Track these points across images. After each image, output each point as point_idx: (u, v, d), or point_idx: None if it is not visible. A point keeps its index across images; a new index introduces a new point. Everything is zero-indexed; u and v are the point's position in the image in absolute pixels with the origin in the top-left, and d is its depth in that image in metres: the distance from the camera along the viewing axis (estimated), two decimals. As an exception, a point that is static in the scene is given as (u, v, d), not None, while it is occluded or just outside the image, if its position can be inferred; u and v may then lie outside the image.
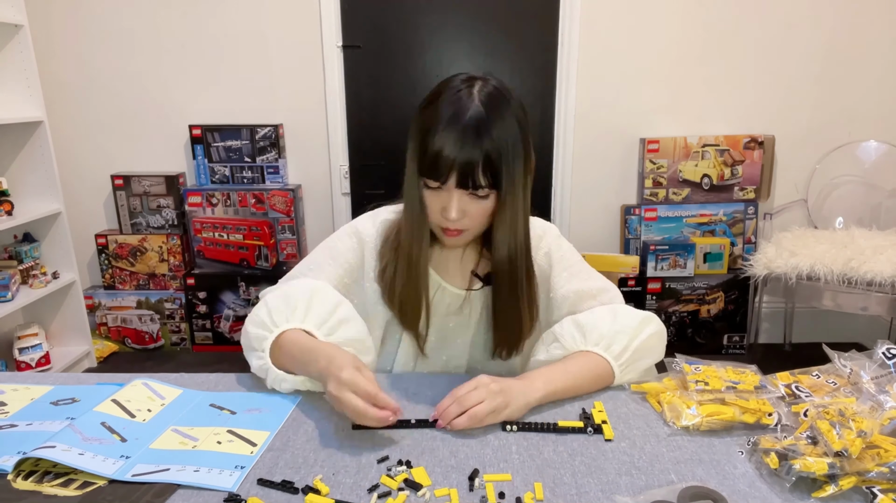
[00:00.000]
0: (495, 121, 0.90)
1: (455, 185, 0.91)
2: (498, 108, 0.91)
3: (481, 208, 0.95)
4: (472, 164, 0.89)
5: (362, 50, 2.84)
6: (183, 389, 0.99)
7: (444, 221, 0.96)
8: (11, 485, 0.75)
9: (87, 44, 2.84)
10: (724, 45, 2.77)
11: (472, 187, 0.91)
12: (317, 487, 0.74)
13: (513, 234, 0.98)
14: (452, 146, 0.89)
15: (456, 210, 0.93)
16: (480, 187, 0.91)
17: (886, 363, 0.86)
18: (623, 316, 1.01)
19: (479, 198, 0.93)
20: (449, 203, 0.93)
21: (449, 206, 0.93)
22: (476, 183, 0.91)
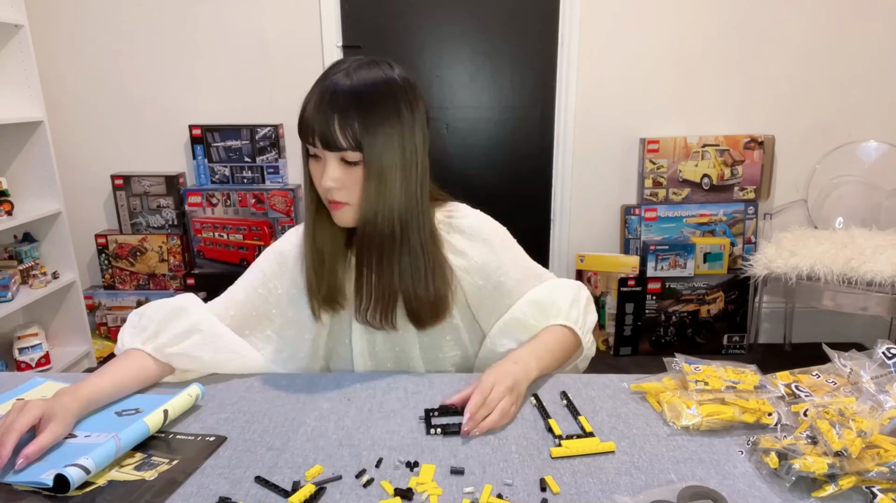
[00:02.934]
0: (356, 83, 0.91)
1: (321, 146, 0.92)
2: (363, 73, 0.92)
3: (355, 177, 0.94)
4: (328, 123, 0.90)
5: (362, 50, 2.84)
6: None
7: (324, 192, 0.97)
8: (11, 486, 0.75)
9: (87, 44, 2.84)
10: (724, 45, 2.77)
11: (336, 148, 0.91)
12: (302, 491, 0.73)
13: (381, 201, 0.94)
14: (313, 106, 0.92)
15: (328, 176, 0.93)
16: (342, 148, 0.91)
17: (886, 363, 0.86)
18: (564, 287, 1.10)
19: (350, 164, 0.93)
20: (324, 169, 0.94)
21: (323, 173, 0.94)
22: (336, 143, 0.91)
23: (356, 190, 0.95)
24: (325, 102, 0.91)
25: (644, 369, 1.04)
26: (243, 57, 2.84)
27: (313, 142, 0.93)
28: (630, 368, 0.91)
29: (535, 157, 2.95)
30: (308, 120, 0.92)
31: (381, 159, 0.93)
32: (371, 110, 0.91)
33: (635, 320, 2.81)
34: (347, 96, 0.90)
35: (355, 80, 0.91)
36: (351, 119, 0.90)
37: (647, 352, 2.85)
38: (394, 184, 0.95)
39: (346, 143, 0.91)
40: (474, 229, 1.06)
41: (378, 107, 0.91)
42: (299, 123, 0.94)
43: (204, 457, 0.82)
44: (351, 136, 0.90)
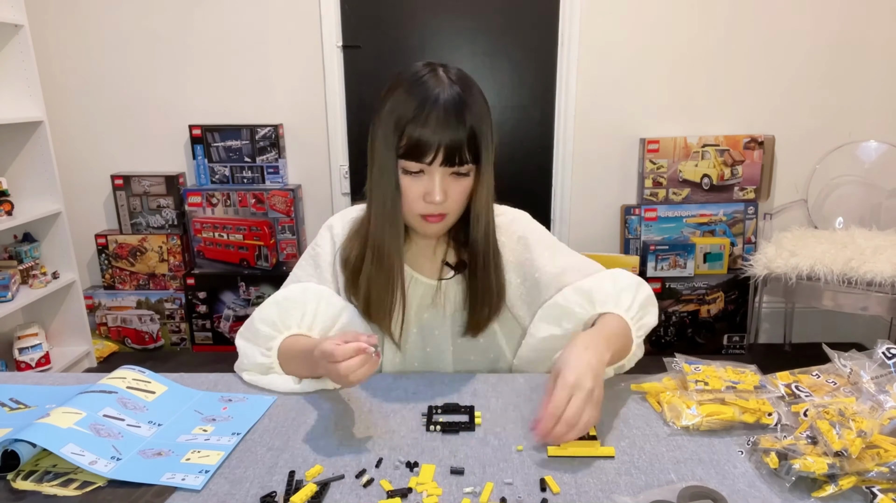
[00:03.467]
0: (470, 97, 0.93)
1: (440, 163, 0.92)
2: (469, 87, 0.95)
3: (462, 188, 0.96)
4: (458, 141, 0.91)
5: (362, 50, 2.84)
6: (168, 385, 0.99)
7: (427, 207, 0.96)
8: (11, 485, 0.75)
9: (87, 44, 2.84)
10: (724, 46, 2.77)
11: (458, 163, 0.93)
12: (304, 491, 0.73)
13: (488, 209, 1.01)
14: (436, 125, 0.90)
15: (440, 191, 0.93)
16: (465, 163, 0.93)
17: (886, 363, 0.86)
18: (622, 276, 1.03)
19: (460, 176, 0.95)
20: (432, 185, 0.94)
21: (433, 189, 0.93)
22: (462, 159, 0.92)
23: (461, 200, 0.98)
24: (452, 120, 0.90)
25: (644, 369, 1.04)
26: (243, 57, 2.84)
27: (431, 160, 0.92)
28: (630, 368, 0.91)
29: (535, 157, 2.95)
30: (429, 140, 0.90)
31: (489, 171, 0.98)
32: (488, 123, 0.95)
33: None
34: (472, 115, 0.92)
35: (469, 95, 0.93)
36: (478, 134, 0.93)
37: (647, 352, 2.84)
38: (492, 193, 1.00)
39: (470, 157, 0.93)
40: (512, 227, 1.09)
41: (489, 125, 0.96)
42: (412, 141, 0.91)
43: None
44: (474, 150, 0.93)
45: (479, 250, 1.03)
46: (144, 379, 0.98)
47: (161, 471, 0.77)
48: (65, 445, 0.77)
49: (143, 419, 0.88)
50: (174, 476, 0.76)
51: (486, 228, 1.02)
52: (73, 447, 0.77)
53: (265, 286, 2.86)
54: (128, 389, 0.94)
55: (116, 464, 0.77)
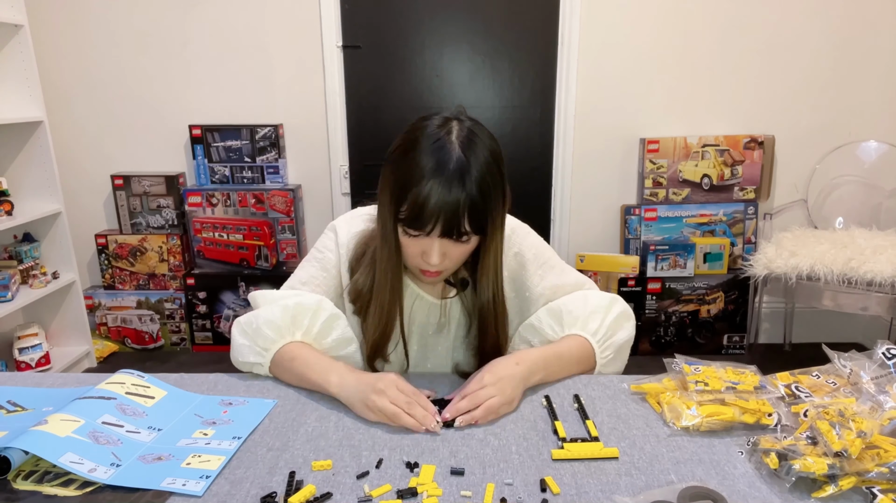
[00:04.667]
0: (475, 166, 0.88)
1: (439, 234, 0.90)
2: (476, 152, 0.90)
3: (462, 251, 0.95)
4: (456, 215, 0.88)
5: (362, 50, 2.84)
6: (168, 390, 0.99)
7: (424, 264, 0.95)
8: (12, 485, 0.75)
9: (87, 44, 2.84)
10: (724, 46, 2.77)
11: (457, 236, 0.91)
12: (303, 491, 0.74)
13: (495, 275, 1.00)
14: (437, 198, 0.87)
15: (437, 256, 0.93)
16: (465, 234, 0.91)
17: (886, 363, 0.86)
18: (593, 298, 1.06)
19: (461, 242, 0.93)
20: (430, 249, 0.92)
21: (430, 252, 0.92)
22: (461, 232, 0.90)
23: (460, 259, 0.97)
24: (453, 193, 0.87)
25: (644, 369, 1.04)
26: (243, 57, 2.84)
27: (430, 230, 0.90)
28: (630, 368, 0.90)
29: (535, 157, 2.95)
30: (429, 213, 0.88)
31: (496, 237, 0.96)
32: (492, 191, 0.91)
33: (635, 320, 2.80)
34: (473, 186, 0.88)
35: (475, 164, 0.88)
36: (480, 208, 0.90)
37: (647, 352, 2.85)
38: (499, 257, 0.99)
39: (470, 229, 0.91)
40: (509, 241, 1.07)
41: (496, 191, 0.91)
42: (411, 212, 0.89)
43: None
44: (476, 224, 0.91)
45: (486, 312, 1.03)
46: (143, 384, 0.98)
47: (161, 476, 0.77)
48: (63, 454, 0.76)
49: (143, 425, 0.88)
50: (175, 481, 0.76)
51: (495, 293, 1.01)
52: (71, 456, 0.77)
53: (265, 286, 2.86)
54: (127, 395, 0.93)
55: (116, 471, 0.77)
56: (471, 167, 0.88)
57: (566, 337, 1.03)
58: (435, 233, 0.90)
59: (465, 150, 0.89)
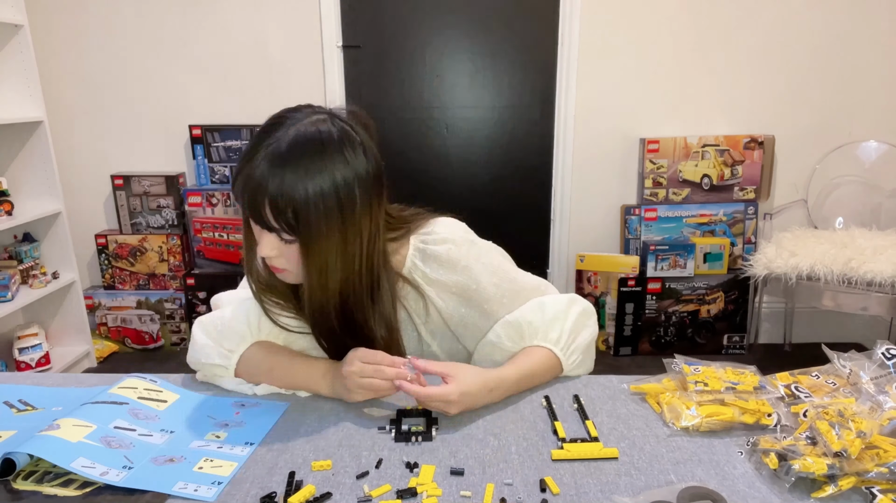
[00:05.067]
0: (290, 163, 0.81)
1: (252, 219, 0.86)
2: (301, 151, 0.82)
3: (293, 251, 0.86)
4: (257, 206, 0.82)
5: (362, 50, 2.84)
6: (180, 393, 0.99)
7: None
8: (12, 485, 0.75)
9: (87, 44, 2.84)
10: (724, 45, 2.77)
11: (267, 229, 0.84)
12: (302, 492, 0.74)
13: (324, 285, 0.88)
14: (242, 183, 0.83)
15: (264, 247, 0.86)
16: (273, 230, 0.84)
17: (886, 363, 0.86)
18: (549, 304, 1.02)
19: (285, 241, 0.86)
20: (260, 236, 0.87)
21: (259, 243, 0.88)
22: (268, 225, 0.84)
23: (296, 261, 0.87)
24: (253, 181, 0.81)
25: (644, 369, 1.04)
26: (243, 57, 2.83)
27: (246, 214, 0.87)
28: (630, 368, 0.90)
29: (535, 157, 2.95)
30: (237, 194, 0.84)
31: (320, 246, 0.84)
32: (314, 204, 0.81)
33: (635, 320, 2.81)
34: (279, 173, 0.80)
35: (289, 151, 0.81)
36: (283, 202, 0.81)
37: (646, 352, 2.85)
38: (333, 267, 0.87)
39: (279, 226, 0.83)
40: (451, 257, 0.98)
41: (323, 199, 0.81)
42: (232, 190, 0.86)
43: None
44: (284, 222, 0.82)
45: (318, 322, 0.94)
46: (156, 388, 0.98)
47: (173, 479, 0.76)
48: (74, 460, 0.76)
49: (155, 428, 0.88)
50: (186, 486, 0.75)
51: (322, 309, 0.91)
52: (82, 461, 0.77)
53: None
54: (139, 400, 0.93)
55: (128, 473, 0.77)
56: (287, 155, 0.81)
57: (532, 350, 1.00)
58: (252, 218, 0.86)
59: (293, 137, 0.83)
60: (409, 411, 0.91)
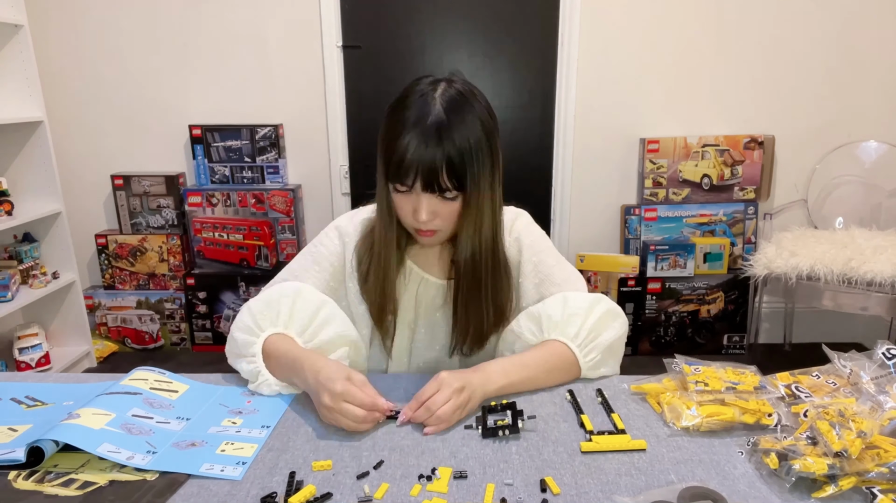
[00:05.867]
0: (456, 124, 0.91)
1: (421, 188, 0.93)
2: (460, 111, 0.92)
3: (451, 209, 0.96)
4: (434, 169, 0.90)
5: (362, 50, 2.84)
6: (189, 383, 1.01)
7: (416, 223, 0.97)
8: (12, 485, 0.75)
9: (87, 44, 2.84)
10: (724, 45, 2.77)
11: (438, 191, 0.93)
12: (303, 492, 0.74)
13: (477, 234, 0.99)
14: (415, 151, 0.90)
15: (426, 212, 0.94)
16: (447, 190, 0.93)
17: (886, 363, 0.86)
18: (573, 300, 1.02)
19: (447, 199, 0.95)
20: (419, 205, 0.94)
21: (419, 209, 0.94)
22: (441, 186, 0.92)
23: (451, 220, 0.98)
24: (430, 147, 0.89)
25: (644, 369, 1.04)
26: (243, 57, 2.84)
27: (412, 184, 0.92)
28: (630, 368, 0.90)
29: (535, 157, 2.95)
30: (408, 165, 0.90)
31: (480, 197, 0.96)
32: (476, 153, 0.92)
33: (635, 320, 2.81)
34: (452, 143, 0.90)
35: (456, 121, 0.91)
36: (458, 164, 0.91)
37: (647, 352, 2.85)
38: (488, 217, 0.99)
39: (451, 185, 0.92)
40: (511, 228, 1.10)
41: (481, 148, 0.93)
42: (394, 165, 0.92)
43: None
44: (456, 179, 0.92)
45: (466, 272, 1.02)
46: (165, 379, 1.00)
47: (199, 461, 0.79)
48: (100, 445, 0.79)
49: (171, 415, 0.90)
50: (212, 467, 0.78)
51: (476, 253, 1.01)
52: (108, 446, 0.79)
53: (265, 286, 2.86)
54: (151, 390, 0.95)
55: (153, 457, 0.79)
56: (451, 122, 0.90)
57: (543, 343, 1.00)
58: (417, 187, 0.92)
59: (447, 105, 0.92)
60: (493, 407, 0.91)
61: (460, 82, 0.97)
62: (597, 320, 1.01)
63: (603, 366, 1.02)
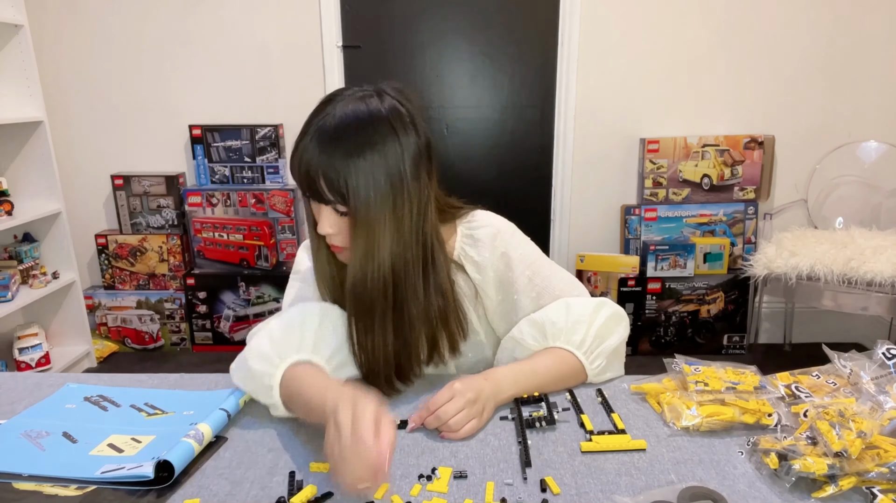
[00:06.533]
0: (341, 137, 0.85)
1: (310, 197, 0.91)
2: (351, 125, 0.86)
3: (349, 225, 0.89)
4: (311, 178, 0.87)
5: (362, 50, 2.84)
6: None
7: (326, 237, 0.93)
8: (12, 485, 0.75)
9: (87, 44, 2.84)
10: (724, 45, 2.77)
11: (321, 201, 0.88)
12: (304, 492, 0.74)
13: (370, 260, 0.88)
14: (297, 158, 0.88)
15: (324, 224, 0.90)
16: (331, 202, 0.88)
17: (886, 363, 0.86)
18: (576, 306, 1.00)
19: (341, 214, 0.89)
20: (319, 216, 0.91)
21: (319, 220, 0.91)
22: (322, 197, 0.87)
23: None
24: (308, 154, 0.87)
25: (644, 369, 1.04)
26: (243, 57, 2.84)
27: (304, 191, 0.90)
28: (630, 368, 0.90)
29: (535, 157, 2.95)
30: (293, 169, 0.90)
31: (370, 217, 0.86)
32: (363, 168, 0.85)
33: (635, 320, 2.81)
34: (330, 146, 0.85)
35: (339, 126, 0.86)
36: (334, 178, 0.85)
37: (646, 352, 2.85)
38: (383, 237, 0.88)
39: (332, 196, 0.87)
40: (493, 241, 1.01)
41: (371, 164, 0.85)
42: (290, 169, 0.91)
43: (205, 458, 0.82)
44: (336, 190, 0.86)
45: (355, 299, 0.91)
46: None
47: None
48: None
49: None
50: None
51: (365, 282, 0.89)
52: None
53: (265, 286, 2.86)
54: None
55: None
56: (333, 134, 0.86)
57: (549, 350, 0.98)
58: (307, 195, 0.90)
59: (342, 113, 0.87)
60: (526, 399, 0.91)
61: (391, 97, 0.90)
62: (601, 326, 0.99)
63: (609, 370, 1.01)
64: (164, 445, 0.81)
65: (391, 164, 0.87)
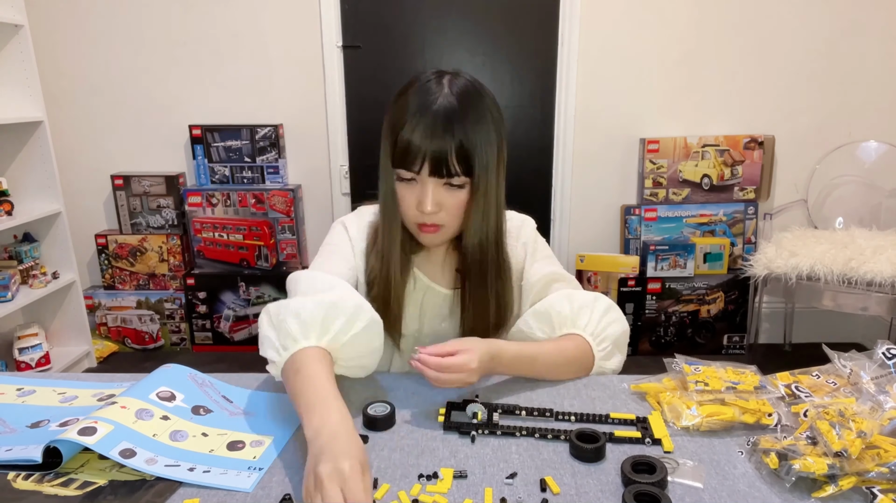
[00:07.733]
0: (466, 110, 0.91)
1: (429, 173, 0.92)
2: (468, 98, 0.93)
3: (457, 200, 0.95)
4: (444, 152, 0.90)
5: (362, 50, 2.84)
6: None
7: (420, 216, 0.96)
8: (12, 485, 0.75)
9: (87, 44, 2.84)
10: (724, 45, 2.77)
11: (447, 175, 0.92)
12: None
13: (486, 223, 0.99)
14: (423, 134, 0.90)
15: (431, 201, 0.93)
16: (455, 174, 0.92)
17: (886, 363, 0.86)
18: (577, 296, 1.04)
19: (453, 188, 0.94)
20: (424, 195, 0.93)
21: (424, 198, 0.93)
22: (450, 170, 0.91)
23: (456, 212, 0.97)
24: (439, 130, 0.90)
25: (644, 369, 1.04)
26: (243, 57, 2.84)
27: (419, 169, 0.92)
28: (630, 368, 0.90)
29: (535, 157, 2.95)
30: (416, 147, 0.90)
31: (488, 185, 0.95)
32: (486, 139, 0.92)
33: (635, 320, 2.81)
34: (462, 128, 0.90)
35: (466, 106, 0.91)
36: (468, 147, 0.91)
37: (647, 352, 2.85)
38: (494, 208, 0.99)
39: (460, 169, 0.92)
40: (520, 233, 1.12)
41: (489, 136, 0.93)
42: (400, 150, 0.91)
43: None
44: (465, 163, 0.92)
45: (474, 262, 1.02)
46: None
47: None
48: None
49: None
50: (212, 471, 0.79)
51: (484, 242, 1.01)
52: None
53: (265, 286, 2.86)
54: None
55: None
56: (459, 108, 0.91)
57: (562, 337, 1.01)
58: (424, 171, 0.92)
59: (453, 92, 0.92)
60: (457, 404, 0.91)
61: (467, 75, 0.98)
62: (602, 313, 1.03)
63: (613, 356, 1.04)
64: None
65: (500, 131, 0.97)
